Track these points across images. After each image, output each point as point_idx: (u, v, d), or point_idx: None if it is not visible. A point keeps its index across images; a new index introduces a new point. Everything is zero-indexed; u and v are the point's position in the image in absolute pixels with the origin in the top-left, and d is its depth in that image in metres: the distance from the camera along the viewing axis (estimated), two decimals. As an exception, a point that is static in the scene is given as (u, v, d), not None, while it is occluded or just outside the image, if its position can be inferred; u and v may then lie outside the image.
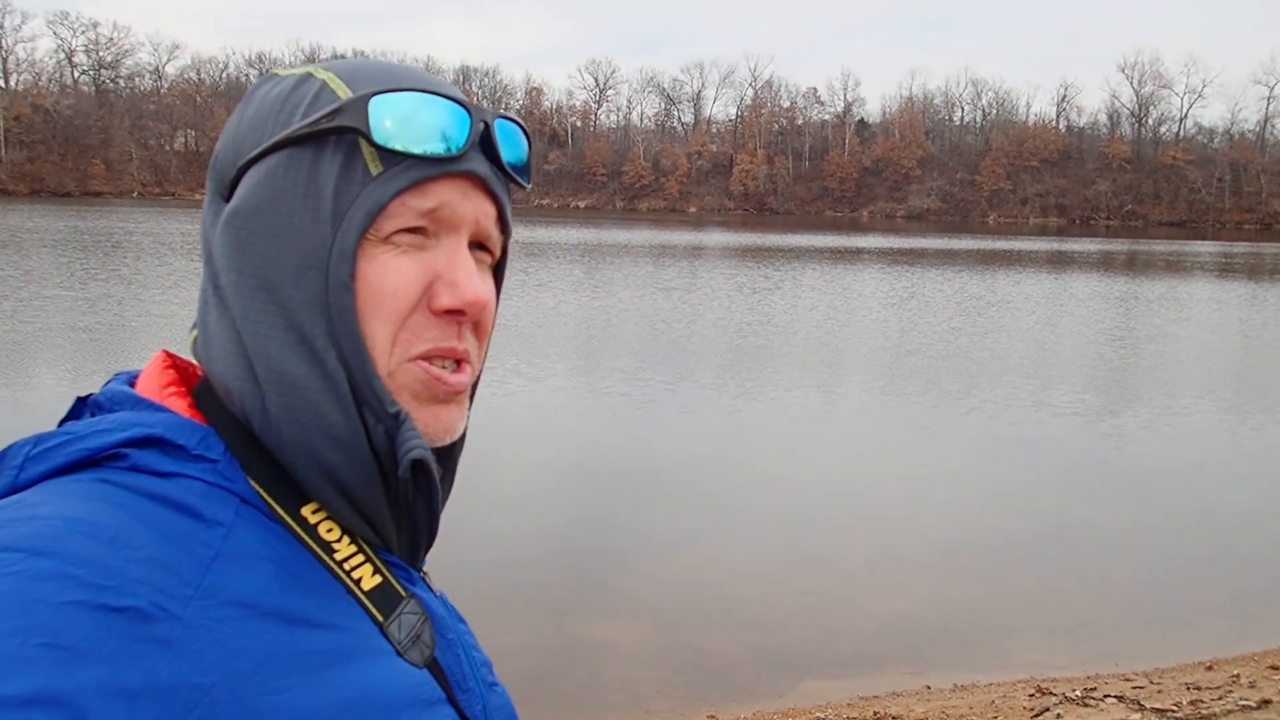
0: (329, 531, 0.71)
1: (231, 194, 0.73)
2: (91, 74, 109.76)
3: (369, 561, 0.72)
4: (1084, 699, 5.35)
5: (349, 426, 0.70)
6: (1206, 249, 60.86)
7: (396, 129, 0.70)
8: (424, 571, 0.80)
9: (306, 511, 0.70)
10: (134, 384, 0.74)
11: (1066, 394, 14.05)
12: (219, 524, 0.65)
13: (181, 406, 0.71)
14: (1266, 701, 5.12)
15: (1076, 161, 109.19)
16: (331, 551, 0.70)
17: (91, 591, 0.55)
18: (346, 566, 0.71)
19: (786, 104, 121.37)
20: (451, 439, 0.76)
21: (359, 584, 0.71)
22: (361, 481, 0.71)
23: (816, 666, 5.94)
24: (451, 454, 0.81)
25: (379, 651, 0.68)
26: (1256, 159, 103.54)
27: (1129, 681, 5.70)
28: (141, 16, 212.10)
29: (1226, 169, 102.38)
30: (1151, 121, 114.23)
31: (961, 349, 17.99)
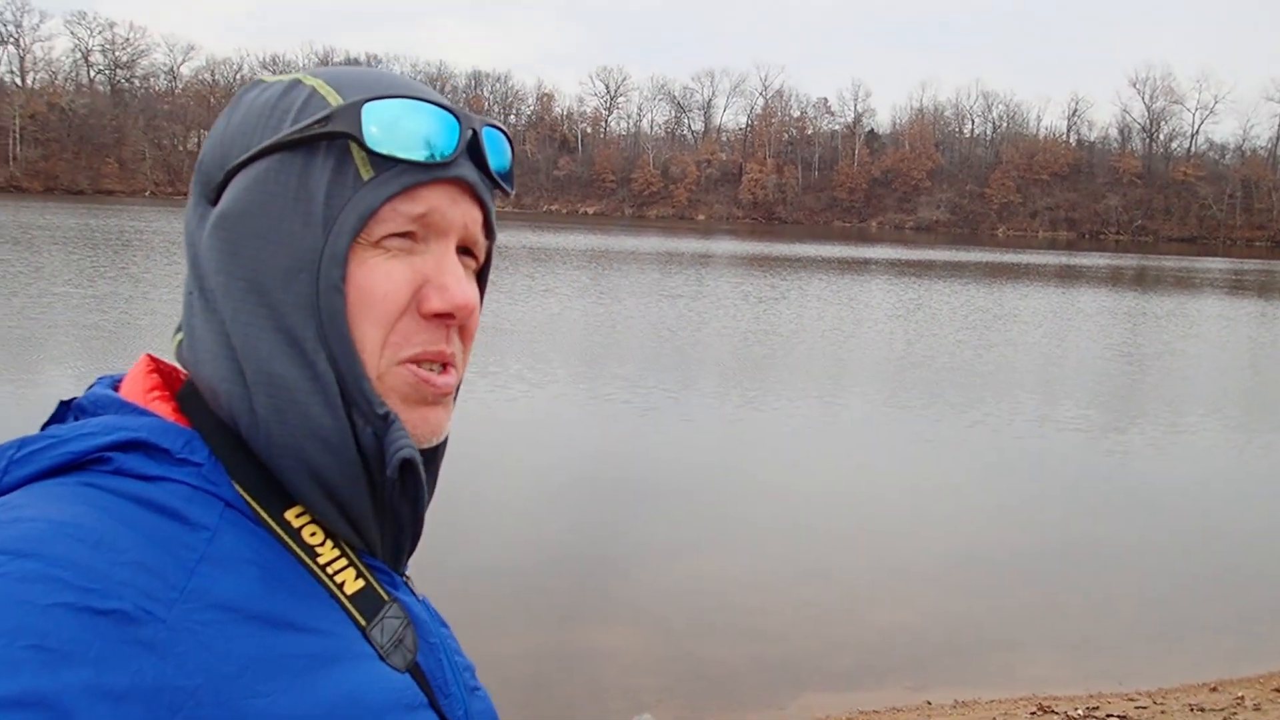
0: (313, 536, 0.71)
1: (218, 198, 0.73)
2: (107, 73, 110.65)
3: (352, 565, 0.72)
4: (1086, 718, 5.32)
5: (337, 428, 0.70)
6: (1217, 265, 60.74)
7: (388, 135, 0.71)
8: (407, 576, 0.80)
9: (290, 516, 0.71)
10: (118, 388, 0.74)
11: (1072, 409, 14.01)
12: (203, 527, 0.65)
13: (166, 410, 0.71)
14: (1270, 723, 5.09)
15: (1087, 176, 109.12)
16: (315, 555, 0.71)
17: (77, 594, 0.56)
18: (330, 570, 0.71)
19: (797, 113, 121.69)
20: (438, 440, 0.77)
21: (342, 588, 0.71)
22: (348, 483, 0.71)
23: (817, 679, 5.92)
24: (435, 457, 0.81)
25: (362, 656, 0.69)
26: (1268, 176, 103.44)
27: (1132, 701, 5.66)
28: (158, 17, 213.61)
29: (1238, 185, 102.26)
30: (1163, 137, 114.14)
31: (967, 362, 17.96)
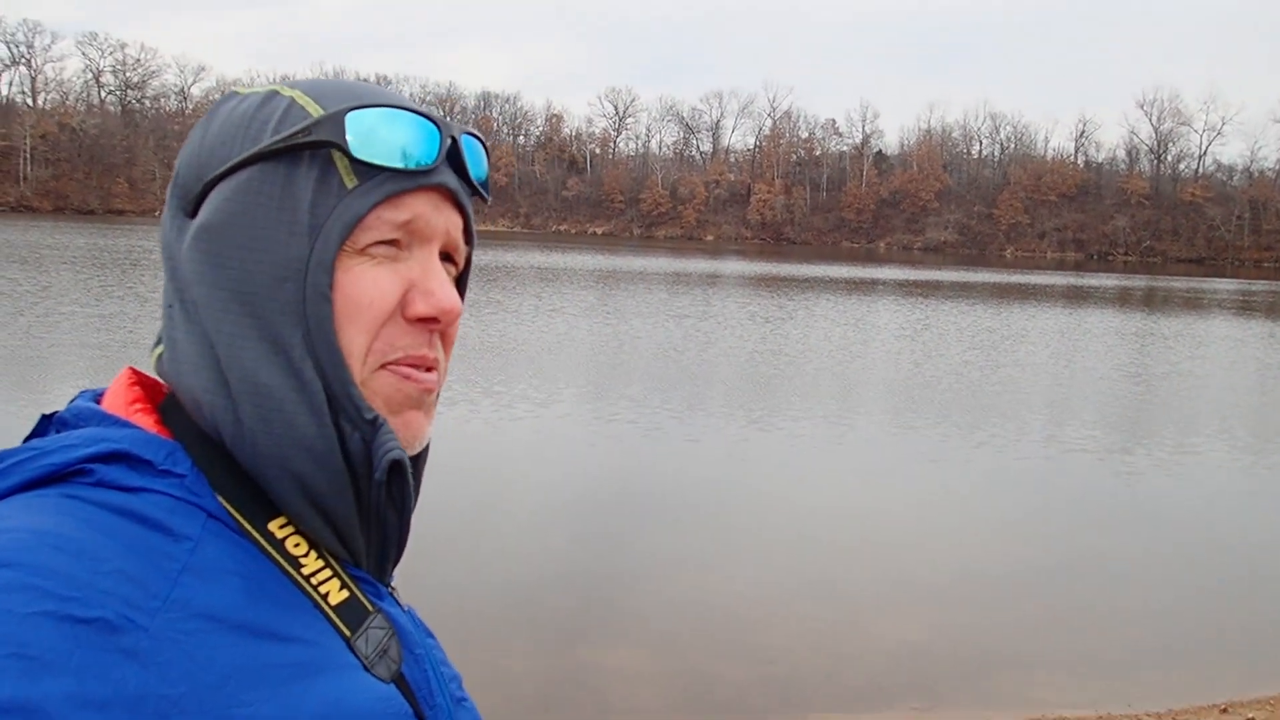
0: (296, 546, 0.71)
1: (196, 210, 0.73)
2: (118, 94, 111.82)
3: (336, 576, 0.72)
4: (1092, 739, 5.27)
5: (323, 436, 0.70)
6: (1225, 286, 60.51)
7: (371, 143, 0.72)
8: (392, 586, 0.80)
9: (274, 526, 0.71)
10: (100, 400, 0.74)
11: (1079, 429, 13.94)
12: (186, 538, 0.65)
13: (148, 422, 0.71)
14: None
15: (1094, 197, 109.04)
16: (299, 566, 0.70)
17: (58, 603, 0.56)
18: (314, 581, 0.71)
19: (805, 134, 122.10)
20: (421, 446, 0.78)
21: (326, 598, 0.70)
22: (334, 492, 0.71)
23: (823, 698, 5.87)
24: (417, 465, 0.81)
25: (346, 666, 0.68)
26: (1276, 197, 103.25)
27: (1139, 723, 5.60)
28: (169, 38, 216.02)
29: (1246, 206, 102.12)
30: (1170, 158, 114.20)
31: (974, 382, 17.89)
